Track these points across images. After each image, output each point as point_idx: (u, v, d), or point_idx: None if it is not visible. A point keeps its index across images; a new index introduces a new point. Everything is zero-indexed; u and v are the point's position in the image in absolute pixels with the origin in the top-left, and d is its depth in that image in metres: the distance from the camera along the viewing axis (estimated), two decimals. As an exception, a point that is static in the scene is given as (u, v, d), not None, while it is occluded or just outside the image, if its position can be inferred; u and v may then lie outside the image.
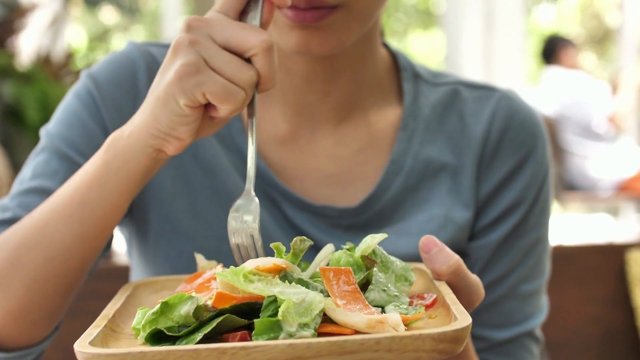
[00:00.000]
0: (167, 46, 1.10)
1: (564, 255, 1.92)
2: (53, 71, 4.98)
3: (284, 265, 0.74)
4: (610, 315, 1.95)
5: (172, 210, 1.03)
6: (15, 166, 4.23)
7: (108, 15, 10.30)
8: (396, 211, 1.06)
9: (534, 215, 1.09)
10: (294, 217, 1.05)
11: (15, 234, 0.91)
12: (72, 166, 1.01)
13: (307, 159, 1.07)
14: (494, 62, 6.33)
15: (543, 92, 5.85)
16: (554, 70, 5.91)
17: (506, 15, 6.30)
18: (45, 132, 1.05)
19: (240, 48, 0.81)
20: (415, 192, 1.07)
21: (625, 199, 5.76)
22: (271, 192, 1.05)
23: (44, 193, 0.99)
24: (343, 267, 0.73)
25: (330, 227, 1.05)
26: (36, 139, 1.08)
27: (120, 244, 1.17)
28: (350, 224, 1.05)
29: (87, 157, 1.01)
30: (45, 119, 4.49)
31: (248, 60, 0.82)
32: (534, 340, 1.10)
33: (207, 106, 0.83)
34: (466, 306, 0.79)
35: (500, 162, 1.08)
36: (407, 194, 1.07)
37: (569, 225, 6.21)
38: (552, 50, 5.96)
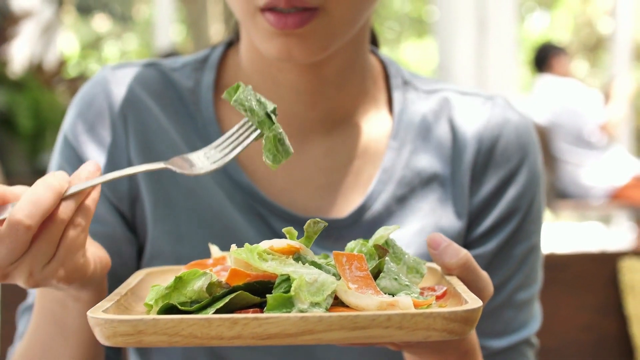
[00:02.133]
0: (143, 65, 1.10)
1: (556, 263, 1.91)
2: (45, 79, 4.97)
3: (297, 247, 0.75)
4: (603, 323, 1.94)
5: (155, 234, 1.03)
6: (8, 174, 4.22)
7: (100, 23, 10.30)
8: (387, 221, 1.06)
9: (528, 224, 1.09)
10: (282, 232, 1.04)
11: None
12: None
13: (296, 171, 1.06)
14: (486, 70, 6.34)
15: (535, 100, 5.86)
16: (546, 78, 5.93)
17: (499, 23, 6.32)
18: None
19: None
20: (405, 203, 1.06)
21: (618, 207, 5.77)
22: (258, 207, 1.04)
23: None
24: (356, 254, 0.74)
25: (320, 239, 1.03)
26: (28, 147, 1.08)
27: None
28: (340, 235, 1.05)
29: None
30: (38, 126, 4.48)
31: None
32: (531, 347, 1.10)
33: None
34: None
35: (493, 171, 1.08)
36: (397, 204, 1.06)
37: (561, 234, 6.21)
38: (545, 58, 5.98)
